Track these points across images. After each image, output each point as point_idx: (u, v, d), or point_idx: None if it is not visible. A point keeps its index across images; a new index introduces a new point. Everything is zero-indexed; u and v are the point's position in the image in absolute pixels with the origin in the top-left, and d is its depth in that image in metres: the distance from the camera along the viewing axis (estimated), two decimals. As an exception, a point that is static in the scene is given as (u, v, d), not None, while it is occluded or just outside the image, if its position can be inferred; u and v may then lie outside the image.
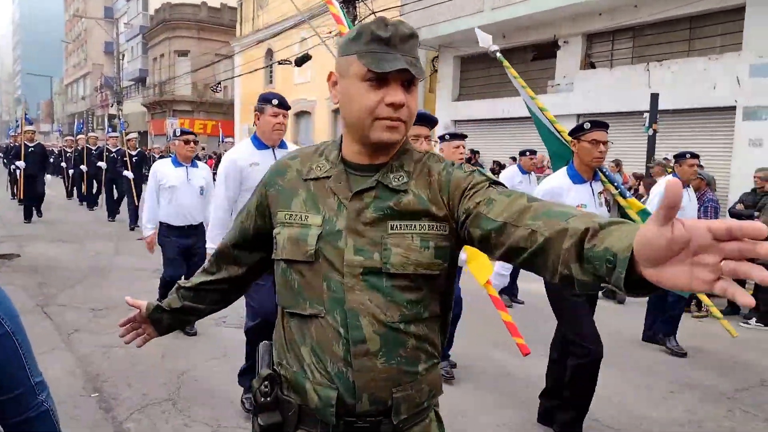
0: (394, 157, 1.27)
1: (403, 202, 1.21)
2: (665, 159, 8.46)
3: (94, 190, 14.75)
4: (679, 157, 5.43)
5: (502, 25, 13.21)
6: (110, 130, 21.11)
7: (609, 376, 3.91)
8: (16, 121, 19.41)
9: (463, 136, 4.37)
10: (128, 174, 11.52)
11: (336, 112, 20.99)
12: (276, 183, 1.33)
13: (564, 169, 3.49)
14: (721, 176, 9.24)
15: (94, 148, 14.44)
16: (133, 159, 11.92)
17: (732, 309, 6.48)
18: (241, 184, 3.50)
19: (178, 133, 5.09)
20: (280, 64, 16.40)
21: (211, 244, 3.60)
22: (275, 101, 3.52)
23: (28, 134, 12.60)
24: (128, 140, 12.36)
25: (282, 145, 3.64)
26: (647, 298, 5.58)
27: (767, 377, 4.73)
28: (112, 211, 12.78)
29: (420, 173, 1.25)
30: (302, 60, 14.73)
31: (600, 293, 7.65)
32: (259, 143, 3.58)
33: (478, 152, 13.31)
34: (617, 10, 11.51)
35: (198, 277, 1.52)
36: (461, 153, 4.27)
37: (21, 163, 11.97)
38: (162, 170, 5.05)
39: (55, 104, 68.63)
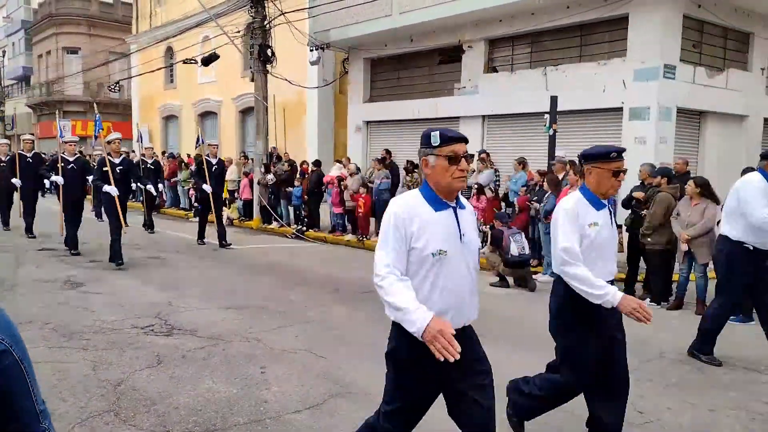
0: None
1: None
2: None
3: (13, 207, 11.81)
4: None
5: (410, 29, 13.63)
6: (99, 131, 12.34)
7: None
8: None
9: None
10: (111, 190, 8.62)
11: (243, 113, 20.57)
12: None
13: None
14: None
15: (29, 155, 11.59)
16: (117, 169, 8.89)
17: (626, 291, 7.18)
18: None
19: (435, 142, 2.35)
20: (185, 63, 15.91)
21: None
22: (614, 154, 3.06)
23: None
24: (108, 142, 9.24)
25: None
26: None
27: (664, 349, 5.34)
28: (75, 244, 9.57)
29: None
30: (210, 59, 14.43)
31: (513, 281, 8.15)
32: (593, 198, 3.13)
33: (390, 152, 13.63)
34: (516, 18, 12.23)
35: None
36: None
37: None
38: (415, 216, 2.30)
39: None
